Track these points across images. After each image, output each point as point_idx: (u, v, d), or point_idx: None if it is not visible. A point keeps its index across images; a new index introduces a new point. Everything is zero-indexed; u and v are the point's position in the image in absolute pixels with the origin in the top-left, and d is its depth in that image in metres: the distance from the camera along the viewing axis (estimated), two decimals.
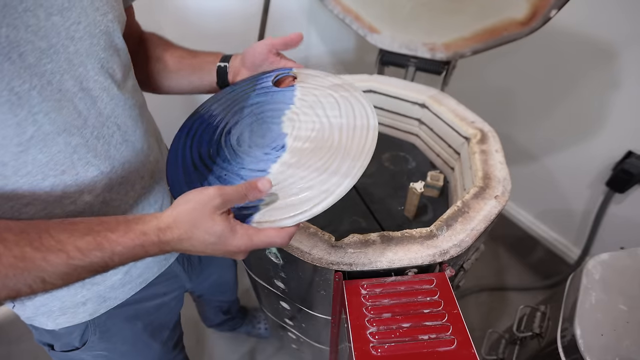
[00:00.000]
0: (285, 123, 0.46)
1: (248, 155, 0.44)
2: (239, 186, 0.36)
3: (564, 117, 1.08)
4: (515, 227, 1.36)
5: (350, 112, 0.44)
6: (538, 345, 0.75)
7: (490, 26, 0.75)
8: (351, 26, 0.95)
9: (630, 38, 0.87)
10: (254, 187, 0.36)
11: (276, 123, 0.47)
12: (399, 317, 0.45)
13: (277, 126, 0.46)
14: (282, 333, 0.92)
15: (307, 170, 0.40)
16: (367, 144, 0.40)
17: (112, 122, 0.41)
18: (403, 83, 0.87)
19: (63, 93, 0.35)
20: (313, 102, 0.47)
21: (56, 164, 0.36)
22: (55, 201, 0.38)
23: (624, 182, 0.98)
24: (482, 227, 0.53)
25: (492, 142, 0.68)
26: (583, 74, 0.99)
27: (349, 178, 0.37)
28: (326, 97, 0.47)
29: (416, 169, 0.82)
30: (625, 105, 0.94)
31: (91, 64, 0.37)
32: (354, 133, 0.42)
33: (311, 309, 0.64)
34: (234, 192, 0.35)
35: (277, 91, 0.50)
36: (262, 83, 0.51)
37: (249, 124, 0.48)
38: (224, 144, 0.46)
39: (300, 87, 0.50)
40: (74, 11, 0.35)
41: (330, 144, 0.42)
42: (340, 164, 0.39)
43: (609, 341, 0.58)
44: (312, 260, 0.49)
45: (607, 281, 0.65)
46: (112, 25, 0.40)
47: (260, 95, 0.50)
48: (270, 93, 0.50)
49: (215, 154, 0.45)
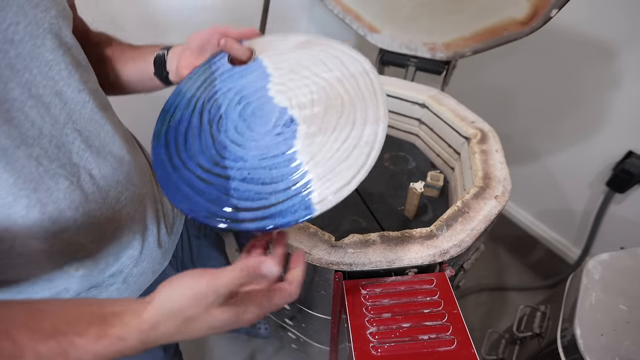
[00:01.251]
0: (276, 97, 0.42)
1: (258, 143, 0.39)
2: (236, 273, 0.29)
3: (564, 117, 1.08)
4: (515, 227, 1.36)
5: (339, 63, 0.41)
6: (538, 345, 0.75)
7: (491, 26, 0.75)
8: (351, 26, 0.95)
9: (630, 38, 0.87)
10: (258, 273, 0.30)
11: (267, 101, 0.42)
12: (399, 317, 0.45)
13: (269, 104, 0.41)
14: (282, 333, 0.92)
15: (335, 131, 0.37)
16: (375, 85, 0.38)
17: (70, 128, 0.37)
18: (403, 83, 0.86)
19: (11, 103, 0.31)
20: (292, 66, 0.43)
21: (24, 181, 0.33)
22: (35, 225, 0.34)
23: (624, 182, 0.98)
24: (482, 227, 0.53)
25: (492, 142, 0.68)
26: (583, 74, 0.99)
27: (381, 121, 0.36)
28: (303, 57, 0.43)
29: (416, 169, 0.82)
30: (626, 105, 0.94)
31: (37, 67, 0.34)
32: (356, 80, 0.39)
33: (311, 309, 0.64)
34: (230, 283, 0.28)
35: (242, 69, 0.45)
36: (218, 68, 0.46)
37: (238, 113, 0.42)
38: (223, 143, 0.40)
39: (265, 57, 0.45)
40: (9, 10, 0.31)
41: (339, 99, 0.39)
42: (364, 112, 0.37)
43: (608, 341, 0.58)
44: (312, 260, 0.49)
45: (607, 281, 0.65)
46: (56, 22, 0.36)
47: (226, 81, 0.45)
48: (236, 74, 0.45)
49: (220, 157, 0.39)
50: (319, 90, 0.40)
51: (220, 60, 0.47)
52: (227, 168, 0.38)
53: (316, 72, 0.42)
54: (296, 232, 0.52)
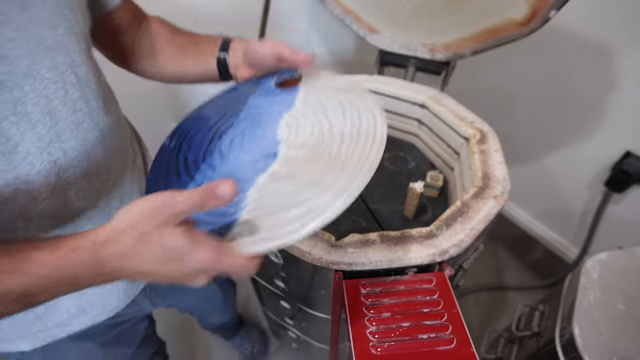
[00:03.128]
0: (282, 128, 0.41)
1: (236, 163, 0.39)
2: (192, 192, 0.28)
3: (563, 117, 1.08)
4: (515, 226, 1.36)
5: (356, 118, 0.39)
6: (537, 344, 0.75)
7: (490, 27, 0.76)
8: (351, 27, 0.95)
9: (629, 39, 0.88)
10: (212, 194, 0.28)
11: (271, 129, 0.42)
12: (399, 317, 0.45)
13: (271, 132, 0.41)
14: (282, 332, 0.92)
15: (297, 183, 0.34)
16: (371, 155, 0.35)
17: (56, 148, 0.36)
18: (403, 83, 0.87)
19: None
20: (315, 105, 0.42)
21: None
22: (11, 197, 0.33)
23: (623, 182, 0.98)
24: (481, 227, 0.53)
25: (492, 142, 0.68)
26: (582, 74, 1.00)
27: (343, 196, 0.31)
28: (330, 100, 0.42)
29: (416, 169, 0.83)
30: (624, 105, 0.94)
31: (30, 85, 0.33)
32: (357, 141, 0.36)
33: (311, 308, 0.65)
34: (186, 200, 0.28)
35: (278, 93, 0.46)
36: (264, 84, 0.48)
37: (243, 128, 0.43)
38: (213, 150, 0.41)
39: (303, 88, 0.46)
40: (8, 26, 0.30)
41: (328, 153, 0.36)
42: (336, 178, 0.33)
43: (607, 340, 0.58)
44: (312, 260, 0.50)
45: (605, 280, 0.65)
46: (63, 39, 0.35)
47: (260, 97, 0.47)
48: (271, 95, 0.46)
49: (202, 160, 0.40)
50: (317, 136, 0.38)
51: (271, 79, 0.47)
52: (197, 170, 0.40)
53: (329, 117, 0.40)
54: None
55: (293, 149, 0.38)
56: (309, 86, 0.46)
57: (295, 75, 0.47)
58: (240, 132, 0.43)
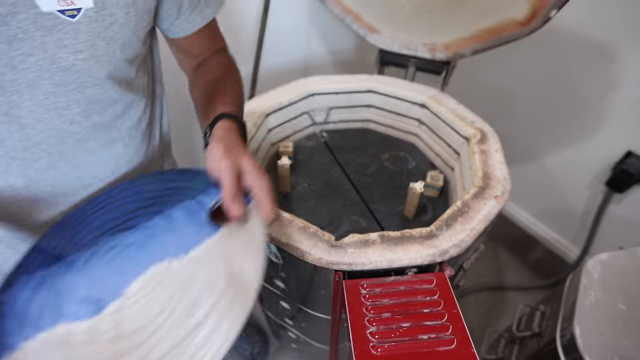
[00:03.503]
0: (141, 280, 0.34)
1: (91, 272, 0.35)
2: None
3: (564, 117, 1.08)
4: (515, 226, 1.36)
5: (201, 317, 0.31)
6: (537, 345, 0.75)
7: (490, 26, 0.75)
8: (351, 26, 0.95)
9: (629, 38, 0.87)
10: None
11: (134, 271, 0.34)
12: (399, 317, 0.45)
13: (131, 274, 0.34)
14: (282, 333, 0.92)
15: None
16: None
17: (41, 149, 0.40)
18: (403, 83, 0.87)
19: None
20: (188, 277, 0.34)
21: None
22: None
23: (623, 182, 0.98)
24: (481, 227, 0.53)
25: (492, 142, 0.68)
26: (583, 74, 0.99)
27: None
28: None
29: (416, 169, 0.82)
30: (625, 105, 0.94)
31: (31, 94, 0.36)
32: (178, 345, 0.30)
33: (311, 309, 0.65)
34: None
35: (196, 223, 0.38)
36: (200, 200, 0.40)
37: (133, 241, 0.37)
38: (100, 242, 0.38)
39: (216, 238, 0.37)
40: (28, 43, 0.33)
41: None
42: None
43: (608, 340, 0.58)
44: (312, 260, 0.49)
45: (606, 281, 0.65)
46: (83, 64, 0.38)
47: (180, 211, 0.39)
48: (190, 216, 0.38)
49: (82, 248, 0.38)
50: (148, 326, 0.31)
51: (211, 197, 0.40)
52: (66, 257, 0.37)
53: (181, 302, 0.32)
54: (296, 232, 0.52)
55: (118, 324, 0.32)
56: (224, 235, 0.37)
57: (213, 209, 0.39)
58: (127, 245, 0.37)
